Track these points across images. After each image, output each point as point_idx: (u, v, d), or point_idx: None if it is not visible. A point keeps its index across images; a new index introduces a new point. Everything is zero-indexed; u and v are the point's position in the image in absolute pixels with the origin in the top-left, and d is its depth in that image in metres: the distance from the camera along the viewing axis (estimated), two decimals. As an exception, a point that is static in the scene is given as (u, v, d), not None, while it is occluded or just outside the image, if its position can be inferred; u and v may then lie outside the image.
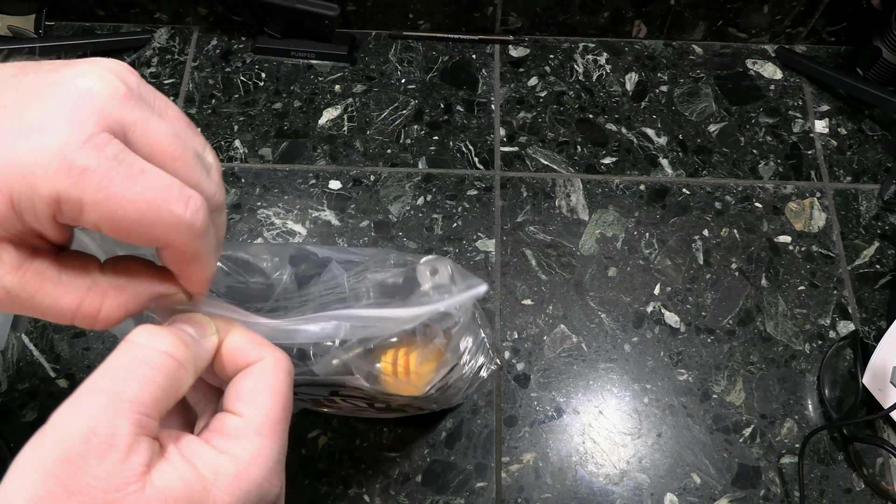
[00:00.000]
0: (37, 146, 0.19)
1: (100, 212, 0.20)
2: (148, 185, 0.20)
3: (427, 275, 0.34)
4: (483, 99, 0.70)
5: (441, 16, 0.71)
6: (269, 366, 0.25)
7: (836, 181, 0.66)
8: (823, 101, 0.70)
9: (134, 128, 0.21)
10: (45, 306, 0.22)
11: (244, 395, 0.24)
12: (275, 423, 0.23)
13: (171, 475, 0.20)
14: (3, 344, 0.58)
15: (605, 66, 0.72)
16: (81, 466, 0.19)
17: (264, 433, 0.23)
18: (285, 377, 0.25)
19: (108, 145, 0.19)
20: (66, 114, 0.19)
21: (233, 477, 0.22)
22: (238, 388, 0.24)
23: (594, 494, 0.52)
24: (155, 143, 0.21)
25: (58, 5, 0.71)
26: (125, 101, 0.20)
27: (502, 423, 0.55)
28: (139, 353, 0.22)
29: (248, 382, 0.24)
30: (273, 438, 0.23)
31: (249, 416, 0.23)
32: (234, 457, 0.22)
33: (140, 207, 0.20)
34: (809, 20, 0.70)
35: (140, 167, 0.20)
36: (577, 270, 0.61)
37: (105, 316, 0.23)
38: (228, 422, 0.23)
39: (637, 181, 0.65)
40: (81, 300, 0.22)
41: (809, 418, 0.55)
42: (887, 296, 0.60)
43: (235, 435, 0.23)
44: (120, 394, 0.21)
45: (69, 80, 0.20)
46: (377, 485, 0.53)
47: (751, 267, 0.61)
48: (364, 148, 0.67)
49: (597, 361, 0.57)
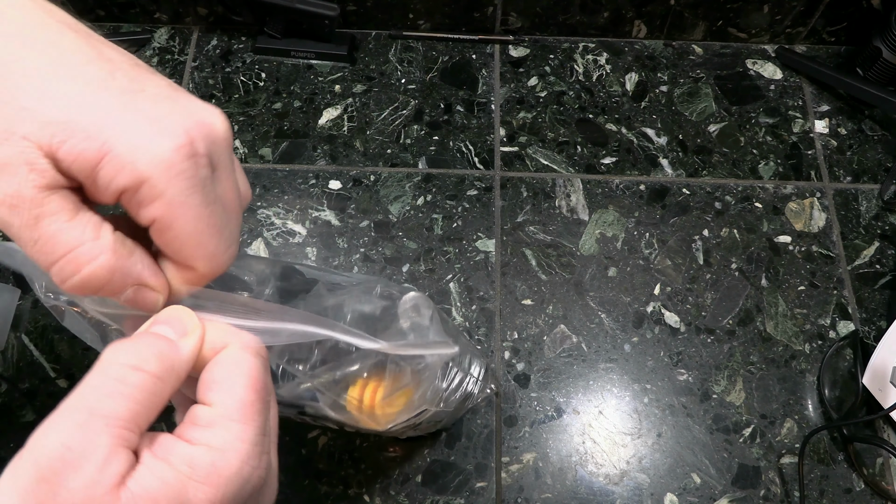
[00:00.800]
0: (154, 135, 0.21)
1: (169, 212, 0.22)
2: (214, 213, 0.23)
3: (408, 312, 0.34)
4: (483, 99, 0.70)
5: (441, 16, 0.71)
6: (236, 351, 0.25)
7: (836, 181, 0.66)
8: (823, 101, 0.70)
9: (221, 169, 0.24)
10: (45, 231, 0.21)
11: (212, 384, 0.24)
12: (247, 406, 0.23)
13: (147, 478, 0.20)
14: (3, 344, 0.58)
15: (605, 66, 0.72)
16: (57, 484, 0.19)
17: (237, 418, 0.23)
18: (254, 360, 0.25)
19: (204, 168, 0.22)
20: (189, 128, 0.22)
21: (210, 467, 0.21)
22: (206, 378, 0.24)
23: (594, 494, 0.52)
24: (227, 190, 0.24)
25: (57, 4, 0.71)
26: (226, 146, 0.24)
27: (502, 423, 0.55)
28: (113, 371, 0.22)
29: (216, 370, 0.24)
30: (247, 422, 0.23)
31: (219, 403, 0.23)
32: (209, 447, 0.22)
33: (200, 226, 0.23)
34: (809, 20, 0.70)
35: (214, 198, 0.23)
36: (577, 270, 0.61)
37: (89, 272, 0.22)
38: (199, 412, 0.23)
39: (637, 181, 0.65)
40: (80, 244, 0.22)
41: (809, 418, 0.55)
42: (887, 296, 0.60)
43: (208, 424, 0.23)
44: (95, 410, 0.21)
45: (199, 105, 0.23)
46: (377, 485, 0.53)
47: (751, 267, 0.61)
48: (364, 148, 0.67)
49: (597, 361, 0.57)
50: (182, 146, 0.22)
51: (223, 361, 0.24)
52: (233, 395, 0.23)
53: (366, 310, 0.34)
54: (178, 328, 0.24)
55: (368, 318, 0.34)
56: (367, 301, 0.34)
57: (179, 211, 0.22)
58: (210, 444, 0.22)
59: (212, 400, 0.23)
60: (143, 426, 0.22)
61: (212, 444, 0.22)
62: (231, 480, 0.22)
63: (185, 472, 0.21)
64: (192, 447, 0.22)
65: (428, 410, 0.37)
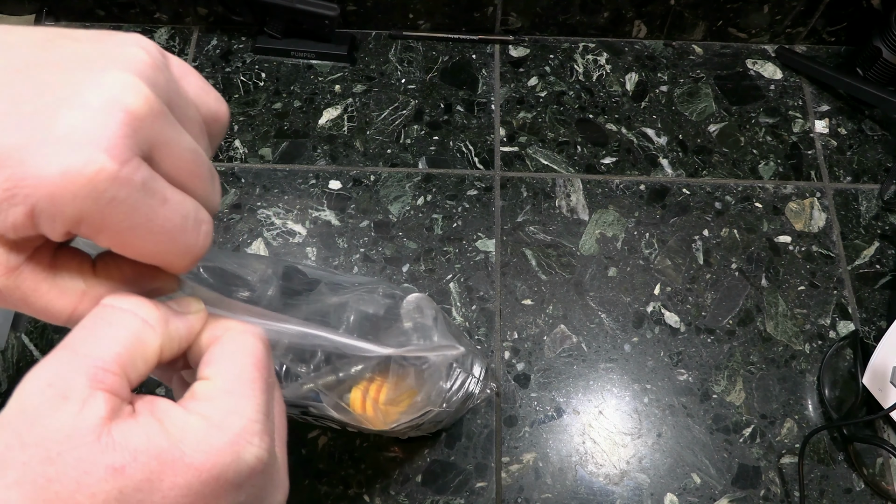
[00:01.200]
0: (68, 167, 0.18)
1: (118, 238, 0.20)
2: (168, 216, 0.21)
3: (411, 312, 0.34)
4: (483, 99, 0.70)
5: (441, 16, 0.71)
6: (238, 332, 0.24)
7: (836, 181, 0.66)
8: (823, 101, 0.70)
9: (161, 148, 0.20)
10: (39, 308, 0.22)
11: (212, 360, 0.23)
12: (246, 381, 0.23)
13: (134, 430, 0.20)
14: (3, 344, 0.58)
15: (605, 66, 0.72)
16: (35, 418, 0.19)
17: (235, 391, 0.22)
18: (256, 341, 0.24)
19: (138, 173, 0.19)
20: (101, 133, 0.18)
21: (202, 434, 0.21)
22: (206, 357, 0.24)
23: (594, 494, 0.52)
24: (177, 160, 0.21)
25: (58, 5, 0.71)
26: (155, 115, 0.20)
27: (502, 423, 0.55)
28: (101, 312, 0.22)
29: (216, 349, 0.24)
30: (246, 396, 0.22)
31: (218, 376, 0.23)
32: (204, 415, 0.21)
33: (157, 238, 0.21)
34: (809, 20, 0.70)
35: (163, 196, 0.20)
36: (577, 270, 0.61)
37: None
38: (198, 387, 0.23)
39: (637, 181, 0.65)
40: (76, 305, 0.22)
41: (809, 418, 0.55)
42: (887, 296, 0.60)
43: (205, 397, 0.22)
44: (76, 348, 0.20)
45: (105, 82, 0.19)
46: (377, 485, 0.53)
47: (751, 267, 0.61)
48: (364, 148, 0.67)
49: (597, 361, 0.57)
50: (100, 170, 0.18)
51: (224, 341, 0.24)
52: (232, 369, 0.23)
53: (369, 310, 0.34)
54: (183, 306, 0.24)
55: (372, 319, 0.34)
56: (371, 301, 0.34)
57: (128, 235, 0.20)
58: (205, 413, 0.21)
59: (210, 374, 0.23)
60: (130, 373, 0.21)
61: (207, 413, 0.21)
62: (223, 451, 0.21)
63: (174, 436, 0.20)
64: (188, 414, 0.21)
65: (431, 411, 0.37)
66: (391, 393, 0.33)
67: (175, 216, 0.21)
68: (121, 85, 0.19)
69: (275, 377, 0.25)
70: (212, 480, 0.20)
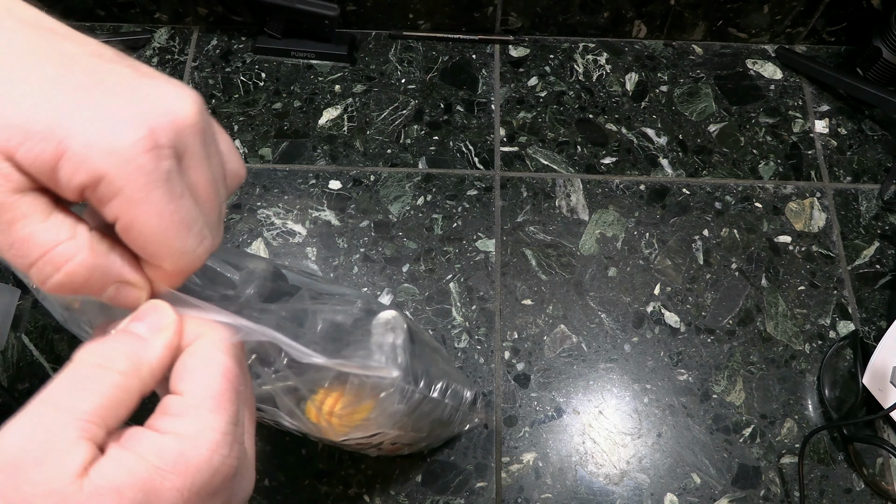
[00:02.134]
0: (110, 130, 0.20)
1: (128, 209, 0.21)
2: (178, 210, 0.22)
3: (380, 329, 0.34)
4: (483, 99, 0.70)
5: (441, 16, 0.71)
6: (209, 341, 0.24)
7: (836, 181, 0.66)
8: (823, 101, 0.70)
9: (190, 158, 0.22)
10: (20, 235, 0.21)
11: (184, 373, 0.23)
12: (218, 395, 0.23)
13: (110, 468, 0.20)
14: (3, 344, 0.58)
15: (605, 66, 0.72)
16: (18, 475, 0.19)
17: (207, 406, 0.23)
18: (226, 349, 0.24)
19: (167, 160, 0.21)
20: (150, 119, 0.21)
21: (178, 454, 0.21)
22: (178, 368, 0.24)
23: (594, 494, 0.52)
24: (199, 179, 0.23)
25: (57, 5, 0.71)
26: (196, 133, 0.22)
27: (502, 423, 0.55)
28: (80, 368, 0.22)
29: (187, 360, 0.24)
30: (218, 411, 0.23)
31: (190, 392, 0.23)
32: (178, 435, 0.22)
33: (163, 224, 0.22)
34: (809, 20, 0.70)
35: (181, 192, 0.22)
36: (577, 270, 0.61)
37: (69, 271, 0.22)
38: (170, 402, 0.23)
39: (637, 181, 0.65)
40: (56, 244, 0.22)
41: (809, 418, 0.55)
42: (887, 296, 0.60)
43: (178, 413, 0.22)
44: (59, 405, 0.21)
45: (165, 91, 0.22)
46: (377, 485, 0.53)
47: (751, 267, 0.61)
48: (364, 148, 0.67)
49: (597, 361, 0.57)
50: (139, 140, 0.21)
51: (195, 352, 0.24)
52: (203, 383, 0.23)
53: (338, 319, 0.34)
54: (154, 324, 0.24)
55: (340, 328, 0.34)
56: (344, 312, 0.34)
57: (140, 209, 0.21)
58: (179, 432, 0.22)
59: (182, 389, 0.23)
60: (110, 422, 0.21)
61: (181, 432, 0.22)
62: (200, 469, 0.21)
63: (152, 462, 0.21)
64: (161, 436, 0.22)
65: (386, 434, 0.36)
66: (346, 404, 0.33)
67: (184, 214, 0.22)
68: (176, 96, 0.22)
69: (247, 376, 0.25)
70: (193, 497, 0.21)
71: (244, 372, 0.26)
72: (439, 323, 0.59)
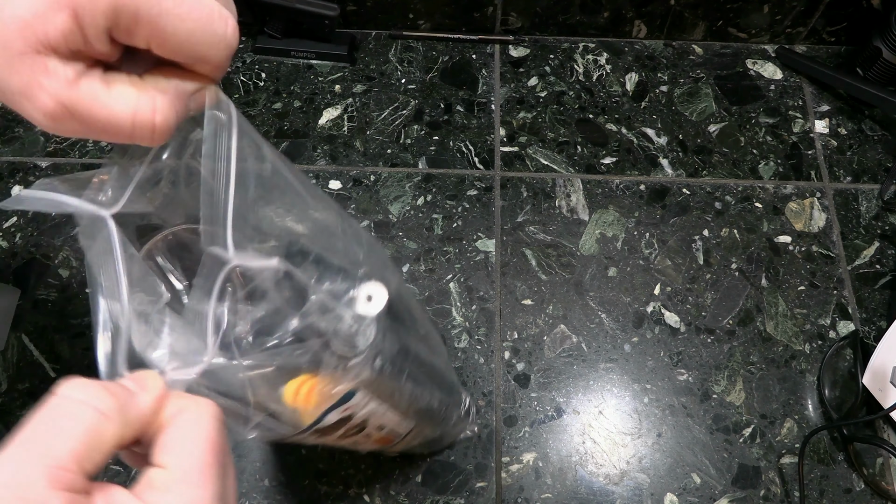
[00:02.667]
0: None
1: (152, 26, 0.22)
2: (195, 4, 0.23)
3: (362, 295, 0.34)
4: (483, 99, 0.70)
5: (441, 16, 0.71)
6: (192, 414, 0.24)
7: (836, 181, 0.66)
8: (823, 101, 0.70)
9: None
10: (103, 118, 0.22)
11: (167, 446, 0.23)
12: (202, 469, 0.23)
13: None
14: (3, 344, 0.58)
15: (605, 66, 0.72)
16: None
17: (190, 481, 0.22)
18: (210, 422, 0.24)
19: None
20: None
21: None
22: (161, 440, 0.23)
23: (594, 494, 0.52)
24: None
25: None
26: None
27: (502, 423, 0.55)
28: (58, 403, 0.22)
29: (171, 432, 0.24)
30: (201, 486, 0.22)
31: (174, 466, 0.23)
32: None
33: (188, 26, 0.23)
34: (809, 20, 0.70)
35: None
36: (577, 270, 0.61)
37: (161, 120, 0.23)
38: (154, 475, 0.22)
39: (637, 181, 0.65)
40: (135, 107, 0.23)
41: (809, 418, 0.55)
42: (887, 296, 0.60)
43: (161, 488, 0.22)
44: (30, 447, 0.20)
45: None
46: (377, 485, 0.53)
47: (751, 267, 0.61)
48: (364, 148, 0.67)
49: (597, 361, 0.57)
50: None
51: (179, 424, 0.24)
52: (188, 458, 0.23)
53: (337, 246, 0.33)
54: (142, 382, 0.24)
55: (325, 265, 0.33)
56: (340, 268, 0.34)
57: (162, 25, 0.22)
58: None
59: (166, 463, 0.23)
60: (87, 467, 0.21)
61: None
62: None
63: None
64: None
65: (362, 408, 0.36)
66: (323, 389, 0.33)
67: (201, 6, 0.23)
68: None
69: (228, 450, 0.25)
70: None
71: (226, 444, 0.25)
72: (439, 323, 0.59)
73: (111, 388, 0.23)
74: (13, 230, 0.63)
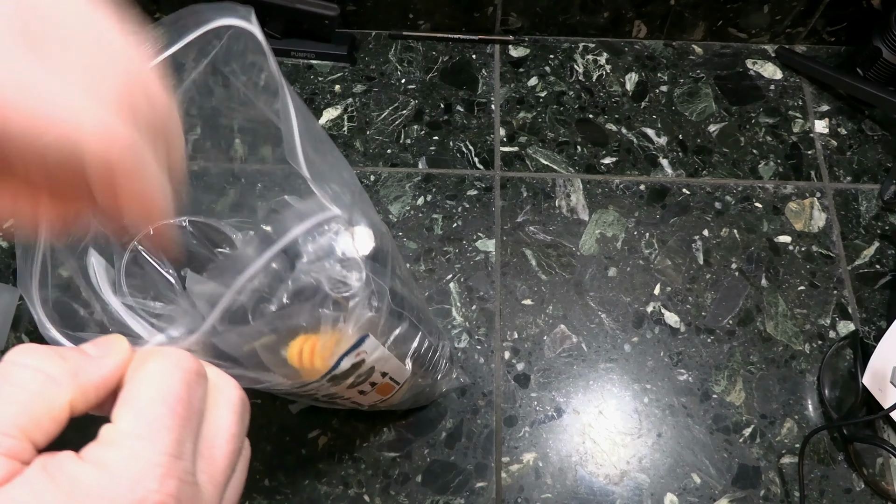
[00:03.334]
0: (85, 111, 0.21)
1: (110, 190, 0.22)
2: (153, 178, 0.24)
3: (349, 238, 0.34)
4: (483, 99, 0.70)
5: (441, 16, 0.71)
6: (153, 366, 0.23)
7: (836, 181, 0.66)
8: (823, 101, 0.70)
9: None
10: None
11: (121, 399, 0.22)
12: (151, 421, 0.21)
13: (18, 491, 0.19)
14: (3, 344, 0.58)
15: (605, 66, 0.72)
16: None
17: (137, 433, 0.21)
18: (172, 373, 0.22)
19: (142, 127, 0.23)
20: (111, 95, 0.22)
21: (92, 486, 0.19)
22: (120, 397, 0.22)
23: (594, 494, 0.52)
24: None
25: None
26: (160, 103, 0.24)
27: (502, 423, 0.55)
28: (7, 368, 0.21)
29: (129, 388, 0.22)
30: (149, 439, 0.21)
31: (123, 418, 0.21)
32: (99, 464, 0.20)
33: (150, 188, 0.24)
34: (809, 20, 0.70)
35: None
36: (577, 270, 0.61)
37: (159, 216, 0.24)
38: (103, 431, 0.21)
39: (637, 181, 0.65)
40: None
41: (809, 418, 0.55)
42: (887, 296, 0.60)
43: (107, 441, 0.21)
44: None
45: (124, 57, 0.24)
46: (377, 485, 0.53)
47: (751, 267, 0.61)
48: (364, 148, 0.67)
49: (597, 361, 0.57)
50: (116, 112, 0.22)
51: (137, 377, 0.22)
52: (137, 409, 0.21)
53: None
54: (104, 349, 0.23)
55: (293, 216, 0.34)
56: None
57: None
58: (101, 461, 0.20)
59: (116, 416, 0.21)
60: (34, 435, 0.20)
61: (103, 461, 0.20)
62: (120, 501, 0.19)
63: (63, 490, 0.19)
64: (82, 465, 0.20)
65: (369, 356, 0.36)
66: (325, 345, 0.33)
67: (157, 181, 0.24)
68: None
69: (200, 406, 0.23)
70: None
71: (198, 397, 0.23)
72: (439, 323, 0.59)
73: (64, 353, 0.22)
74: (13, 230, 0.63)
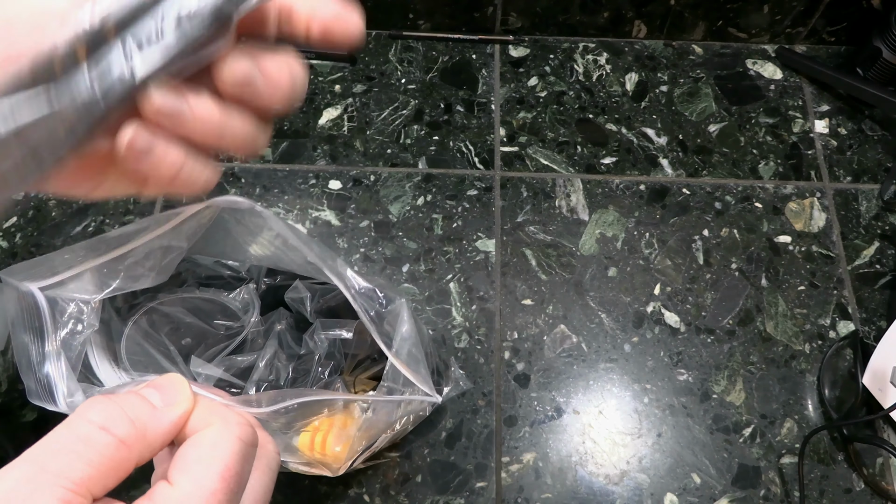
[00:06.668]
0: None
1: None
2: None
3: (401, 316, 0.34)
4: (483, 99, 0.70)
5: (441, 16, 0.71)
6: (214, 433, 0.23)
7: (836, 181, 0.66)
8: (823, 101, 0.70)
9: None
10: None
11: (180, 462, 0.22)
12: (207, 492, 0.22)
13: None
14: (3, 344, 0.58)
15: (605, 66, 0.72)
16: None
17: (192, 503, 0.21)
18: (231, 444, 0.23)
19: None
20: None
21: None
22: (179, 454, 0.23)
23: (594, 494, 0.52)
24: None
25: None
26: None
27: (502, 423, 0.55)
28: (77, 426, 0.21)
29: (188, 449, 0.23)
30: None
31: (180, 484, 0.22)
32: None
33: None
34: (809, 20, 0.70)
35: None
36: (577, 270, 0.61)
37: None
38: (160, 490, 0.22)
39: (637, 181, 0.65)
40: None
41: (809, 418, 0.55)
42: (887, 296, 0.60)
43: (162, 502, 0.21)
44: (46, 466, 0.20)
45: None
46: (377, 485, 0.53)
47: (751, 267, 0.61)
48: (364, 148, 0.67)
49: (597, 361, 0.57)
50: None
51: (197, 441, 0.23)
52: (195, 477, 0.22)
53: None
54: (168, 397, 0.23)
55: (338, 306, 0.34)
56: None
57: None
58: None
59: (174, 479, 0.22)
60: (95, 491, 0.20)
61: None
62: None
63: None
64: None
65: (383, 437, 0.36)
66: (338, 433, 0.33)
67: None
68: None
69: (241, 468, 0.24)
70: None
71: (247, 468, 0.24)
72: (439, 323, 0.59)
73: (134, 409, 0.22)
74: (13, 230, 0.63)
